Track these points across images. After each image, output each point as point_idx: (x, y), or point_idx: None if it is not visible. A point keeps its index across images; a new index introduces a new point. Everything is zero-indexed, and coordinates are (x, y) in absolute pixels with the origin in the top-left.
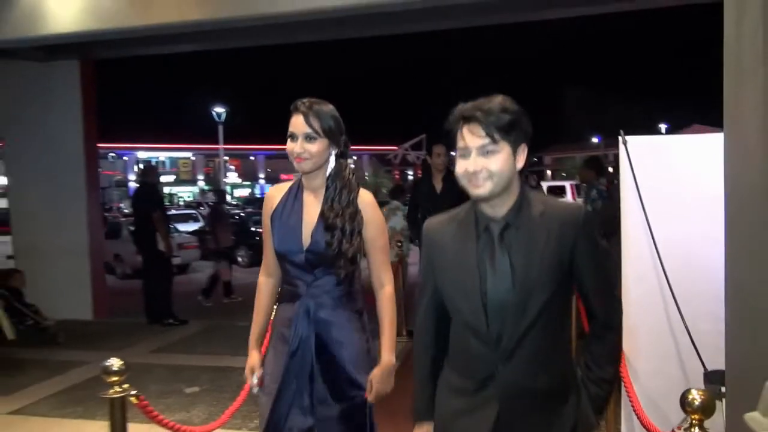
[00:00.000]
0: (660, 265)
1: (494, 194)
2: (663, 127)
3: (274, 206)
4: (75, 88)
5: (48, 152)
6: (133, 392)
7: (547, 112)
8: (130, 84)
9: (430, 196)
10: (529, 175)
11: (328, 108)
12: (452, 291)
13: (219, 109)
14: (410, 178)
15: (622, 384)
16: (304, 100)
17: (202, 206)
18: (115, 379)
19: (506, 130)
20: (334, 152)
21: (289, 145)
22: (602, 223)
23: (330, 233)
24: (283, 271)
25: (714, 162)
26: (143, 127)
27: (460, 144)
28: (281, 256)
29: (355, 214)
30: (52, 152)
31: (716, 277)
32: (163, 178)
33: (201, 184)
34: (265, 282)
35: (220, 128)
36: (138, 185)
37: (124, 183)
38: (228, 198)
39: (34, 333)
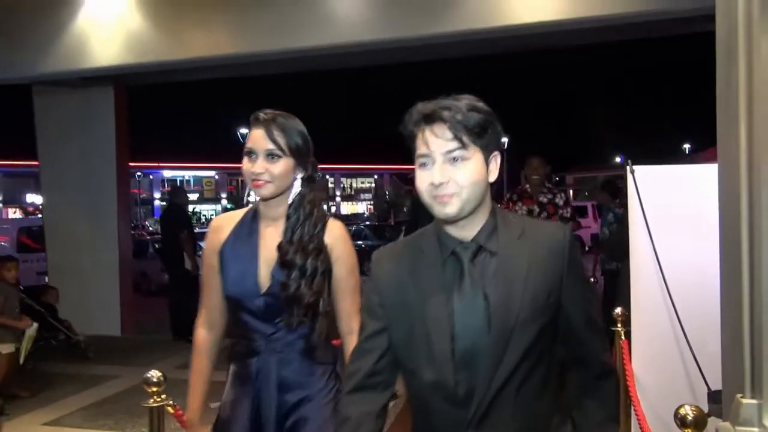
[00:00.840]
0: (666, 289)
1: (464, 213)
2: (687, 147)
3: (223, 239)
4: (109, 112)
5: (82, 172)
6: (170, 402)
7: (571, 132)
8: (158, 106)
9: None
10: (557, 192)
11: (296, 123)
12: (407, 337)
13: (244, 130)
14: None
15: (630, 403)
16: (267, 111)
17: None
18: (155, 389)
19: (477, 133)
20: (299, 176)
21: (246, 165)
22: (615, 246)
23: (287, 272)
24: (235, 321)
25: (714, 191)
26: (169, 147)
27: (420, 150)
28: (234, 302)
29: (320, 251)
30: (85, 172)
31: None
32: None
33: (224, 202)
34: (205, 337)
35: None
36: (167, 205)
37: (149, 201)
38: None
39: (65, 348)
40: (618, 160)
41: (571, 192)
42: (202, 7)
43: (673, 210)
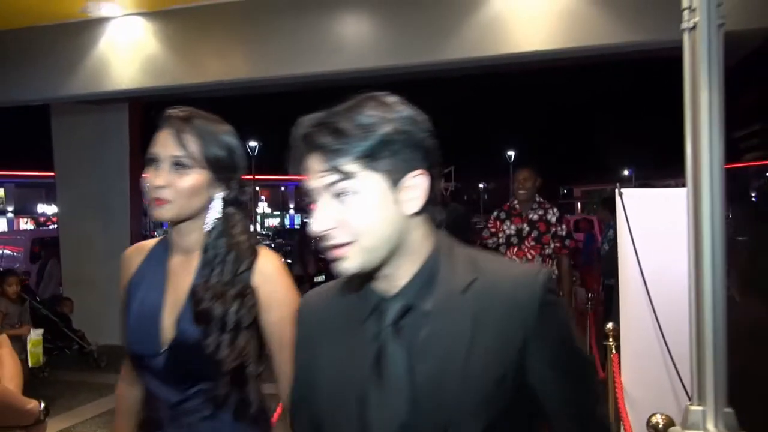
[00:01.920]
0: (651, 305)
1: (373, 264)
2: None
3: (130, 276)
4: (123, 128)
5: (97, 186)
6: None
7: (580, 145)
8: None
9: None
10: (549, 207)
11: (221, 128)
12: (328, 415)
13: (252, 144)
14: (452, 204)
15: (620, 416)
16: (185, 108)
17: None
18: None
19: (371, 154)
20: (220, 195)
21: (148, 176)
22: (610, 263)
23: (202, 326)
24: (140, 383)
25: None
26: None
27: (306, 182)
28: (133, 358)
29: (245, 295)
30: (100, 186)
31: None
32: None
33: None
34: (126, 394)
35: (252, 161)
36: None
37: None
38: (258, 228)
39: (79, 357)
40: (626, 173)
41: (579, 204)
42: (218, 33)
43: (658, 230)
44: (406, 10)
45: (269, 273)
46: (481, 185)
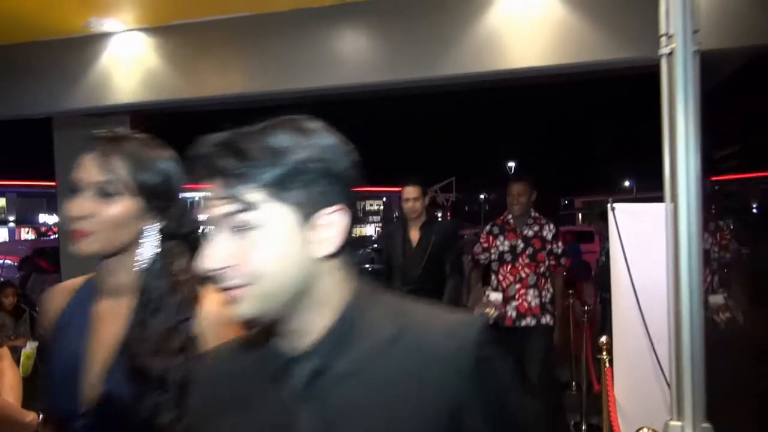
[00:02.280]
0: (642, 318)
1: (271, 314)
2: None
3: (54, 321)
4: None
5: None
6: None
7: (581, 155)
8: (172, 130)
9: (404, 250)
10: (545, 223)
11: (156, 152)
12: None
13: None
14: (439, 219)
15: (612, 430)
16: (115, 130)
17: None
18: None
19: (280, 183)
20: (155, 227)
21: (67, 206)
22: (605, 276)
23: (138, 384)
24: None
25: None
26: (184, 168)
27: (202, 211)
28: (53, 420)
29: (187, 347)
30: None
31: None
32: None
33: None
34: None
35: None
36: None
37: None
38: None
39: None
40: (627, 183)
41: (580, 215)
42: (217, 48)
43: (649, 244)
44: (403, 27)
45: (213, 318)
46: (481, 196)
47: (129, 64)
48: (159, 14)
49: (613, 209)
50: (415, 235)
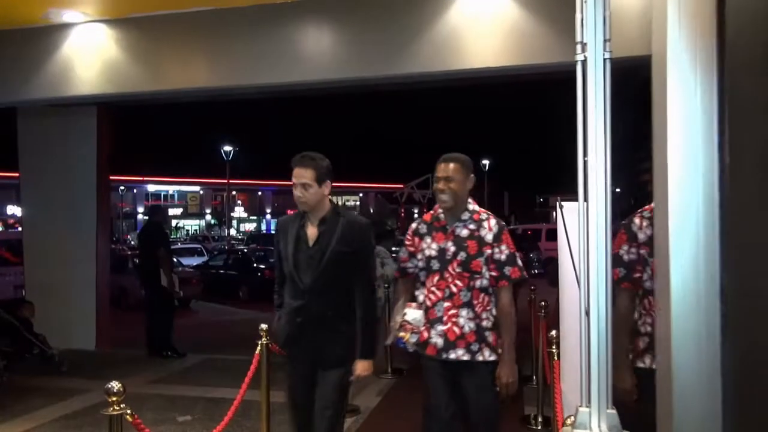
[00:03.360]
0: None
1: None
2: None
3: None
4: (91, 131)
5: (62, 189)
6: (129, 411)
7: (556, 153)
8: (143, 121)
9: (295, 250)
10: (487, 219)
11: None
12: None
13: (227, 148)
14: (416, 216)
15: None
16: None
17: (208, 240)
18: (114, 399)
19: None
20: None
21: None
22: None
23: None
24: None
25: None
26: (154, 161)
27: None
28: None
29: None
30: (65, 189)
31: None
32: (171, 211)
33: (208, 217)
34: None
35: (227, 165)
36: (145, 223)
37: (132, 215)
38: (234, 232)
39: (40, 362)
40: None
41: (554, 213)
42: (179, 42)
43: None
44: (364, 25)
45: None
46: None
47: (90, 55)
48: (119, 6)
49: (561, 207)
50: (312, 232)
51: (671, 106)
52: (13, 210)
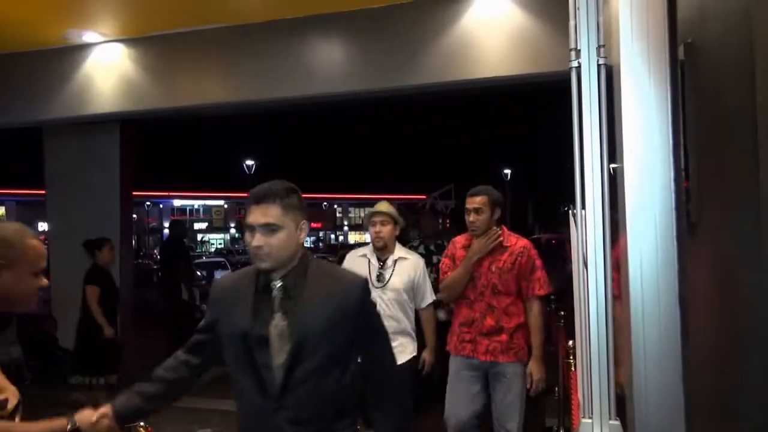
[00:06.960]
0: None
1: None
2: None
3: None
4: (115, 147)
5: (87, 205)
6: (142, 424)
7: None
8: (167, 137)
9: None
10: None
11: None
12: None
13: (249, 162)
14: (439, 227)
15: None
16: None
17: (232, 254)
18: None
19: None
20: None
21: None
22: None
23: None
24: None
25: None
26: (179, 176)
27: None
28: None
29: None
30: (90, 205)
31: None
32: (197, 225)
33: (233, 231)
34: None
35: (249, 179)
36: (166, 238)
37: (158, 230)
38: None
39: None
40: None
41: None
42: (193, 59)
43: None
44: (374, 38)
45: None
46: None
47: (108, 74)
48: (136, 25)
49: (574, 215)
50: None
51: (626, 113)
52: (44, 226)
